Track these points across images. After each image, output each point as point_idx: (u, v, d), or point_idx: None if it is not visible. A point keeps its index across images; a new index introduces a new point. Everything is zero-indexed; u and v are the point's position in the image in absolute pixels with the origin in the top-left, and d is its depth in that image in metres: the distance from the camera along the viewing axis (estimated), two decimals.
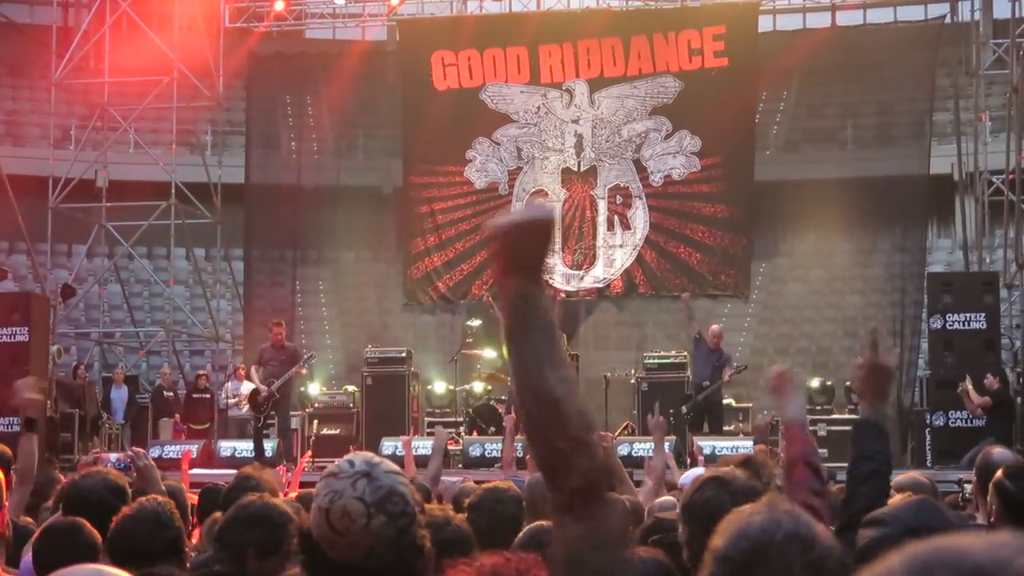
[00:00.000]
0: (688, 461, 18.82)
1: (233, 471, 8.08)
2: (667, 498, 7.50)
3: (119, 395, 23.31)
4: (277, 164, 26.50)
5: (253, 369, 19.45)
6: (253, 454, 19.10)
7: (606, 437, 8.37)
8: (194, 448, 19.04)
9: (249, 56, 26.21)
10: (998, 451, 7.26)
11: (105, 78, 25.53)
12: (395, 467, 3.37)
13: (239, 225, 25.79)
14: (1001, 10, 24.48)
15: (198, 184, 25.10)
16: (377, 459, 3.33)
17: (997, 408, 19.30)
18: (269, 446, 19.56)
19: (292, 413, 21.55)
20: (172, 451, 19.69)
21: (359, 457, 3.33)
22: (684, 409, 20.04)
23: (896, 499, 5.77)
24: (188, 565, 4.98)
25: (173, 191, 24.52)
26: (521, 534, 6.04)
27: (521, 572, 2.95)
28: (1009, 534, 0.89)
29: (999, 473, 5.59)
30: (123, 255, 26.35)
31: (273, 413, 19.28)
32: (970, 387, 19.12)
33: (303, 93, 26.63)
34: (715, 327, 20.59)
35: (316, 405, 22.61)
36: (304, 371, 20.02)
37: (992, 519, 5.66)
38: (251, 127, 26.62)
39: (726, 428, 20.96)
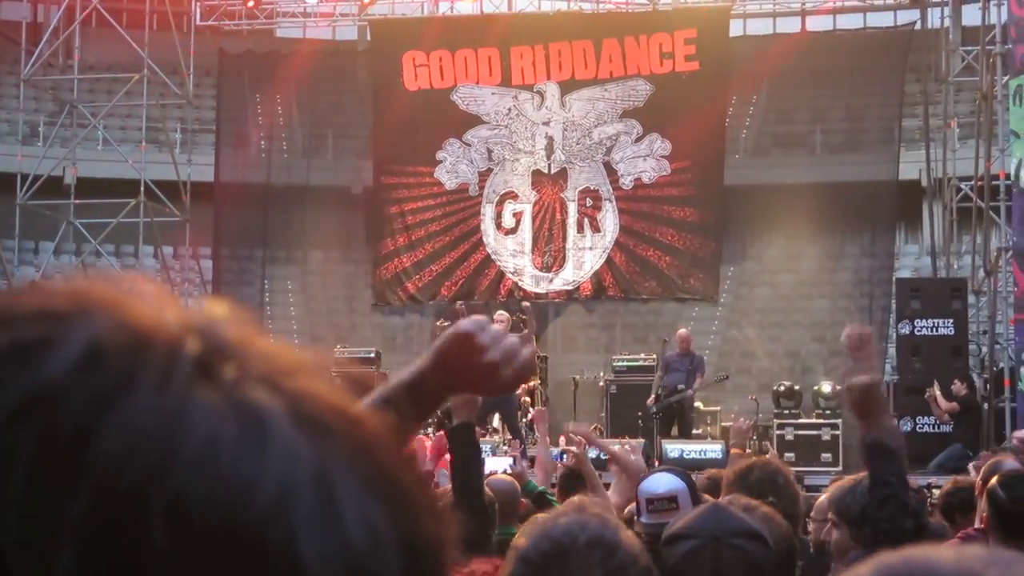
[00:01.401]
0: (656, 463, 18.87)
1: None
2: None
3: None
4: (247, 163, 26.41)
5: None
6: None
7: (580, 444, 8.35)
8: None
9: (219, 54, 26.14)
10: (1009, 462, 7.30)
11: (75, 75, 25.43)
12: None
13: (208, 223, 25.69)
14: (970, 17, 24.60)
15: (167, 182, 25.01)
16: None
17: (964, 414, 19.40)
18: None
19: None
20: None
21: None
22: (652, 409, 20.06)
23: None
24: None
25: (142, 189, 24.43)
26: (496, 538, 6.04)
27: None
28: (979, 547, 0.89)
29: (993, 480, 5.64)
30: (91, 252, 26.23)
31: None
32: (938, 393, 19.21)
33: (273, 92, 26.55)
34: (681, 331, 20.66)
35: None
36: None
37: (983, 525, 5.71)
38: (221, 125, 26.54)
39: (695, 432, 21.00)
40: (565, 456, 8.84)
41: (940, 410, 19.25)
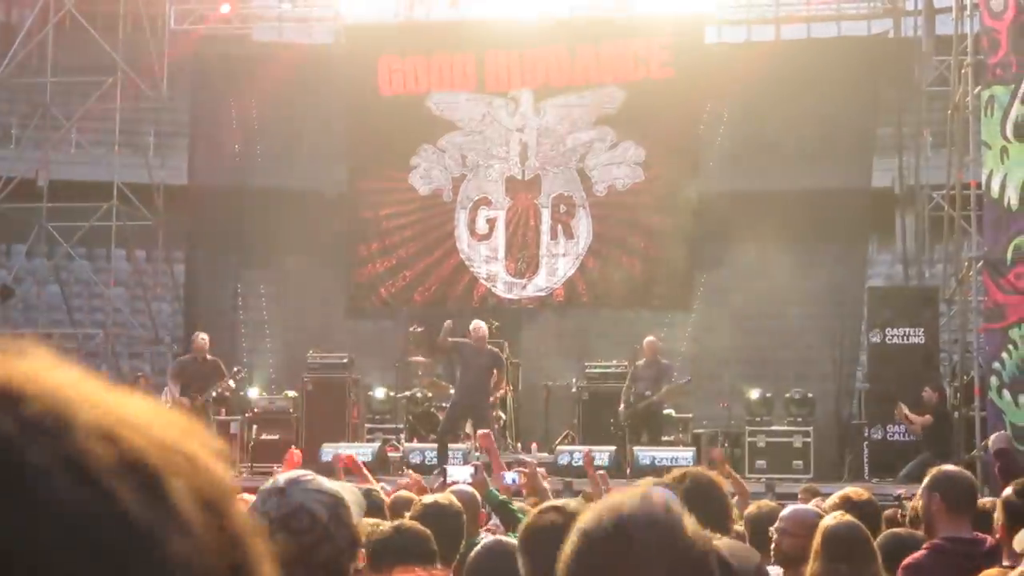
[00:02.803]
0: (628, 470, 18.91)
1: None
2: None
3: None
4: (221, 166, 26.35)
5: (171, 382, 19.25)
6: None
7: (532, 465, 8.39)
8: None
9: (194, 57, 26.10)
10: (952, 468, 7.38)
11: (48, 77, 25.35)
12: (329, 485, 3.36)
13: (181, 227, 25.64)
14: (944, 27, 24.67)
15: (140, 185, 24.96)
16: (308, 476, 3.31)
17: (935, 423, 19.50)
18: None
19: (231, 418, 21.48)
20: None
21: (291, 474, 3.33)
22: (620, 417, 20.16)
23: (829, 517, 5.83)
24: None
25: (115, 192, 24.38)
26: (463, 550, 6.06)
27: None
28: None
29: (1008, 489, 5.73)
30: (63, 255, 26.16)
31: None
32: (906, 410, 19.29)
33: (248, 95, 26.47)
34: (648, 340, 20.77)
35: (255, 410, 22.53)
36: (231, 384, 19.95)
37: (999, 535, 5.77)
38: (195, 129, 26.47)
39: (666, 438, 21.07)
40: (517, 478, 8.85)
41: (915, 425, 19.34)
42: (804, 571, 5.45)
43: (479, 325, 19.55)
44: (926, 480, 6.69)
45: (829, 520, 5.47)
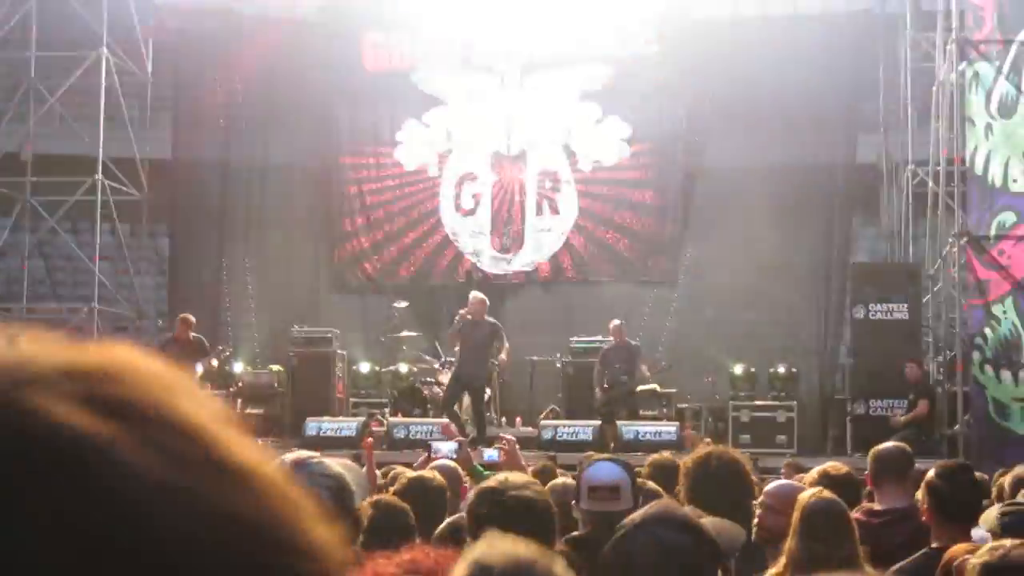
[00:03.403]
0: (612, 446, 18.94)
1: None
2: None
3: None
4: (204, 141, 26.28)
5: None
6: None
7: (511, 441, 8.44)
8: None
9: (178, 32, 26.00)
10: (887, 445, 7.63)
11: (32, 52, 25.26)
12: (334, 468, 3.36)
13: (165, 201, 25.59)
14: (928, 3, 24.66)
15: (125, 160, 24.90)
16: (315, 458, 3.32)
17: (918, 398, 19.58)
18: None
19: (216, 392, 21.50)
20: None
21: (299, 455, 3.34)
22: (596, 402, 20.22)
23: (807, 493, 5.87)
24: None
25: (99, 167, 24.34)
26: (442, 525, 6.09)
27: (439, 566, 2.97)
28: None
29: (931, 473, 5.81)
30: (47, 230, 26.10)
31: None
32: (901, 416, 19.35)
33: (232, 70, 26.40)
34: (614, 324, 20.83)
35: (240, 384, 22.55)
36: (213, 363, 19.96)
37: (924, 518, 5.84)
38: (179, 103, 26.40)
39: (651, 413, 21.12)
40: (496, 455, 8.90)
41: (911, 418, 19.38)
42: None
43: (474, 296, 19.65)
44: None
45: (806, 496, 5.49)
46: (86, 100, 26.93)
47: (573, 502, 5.43)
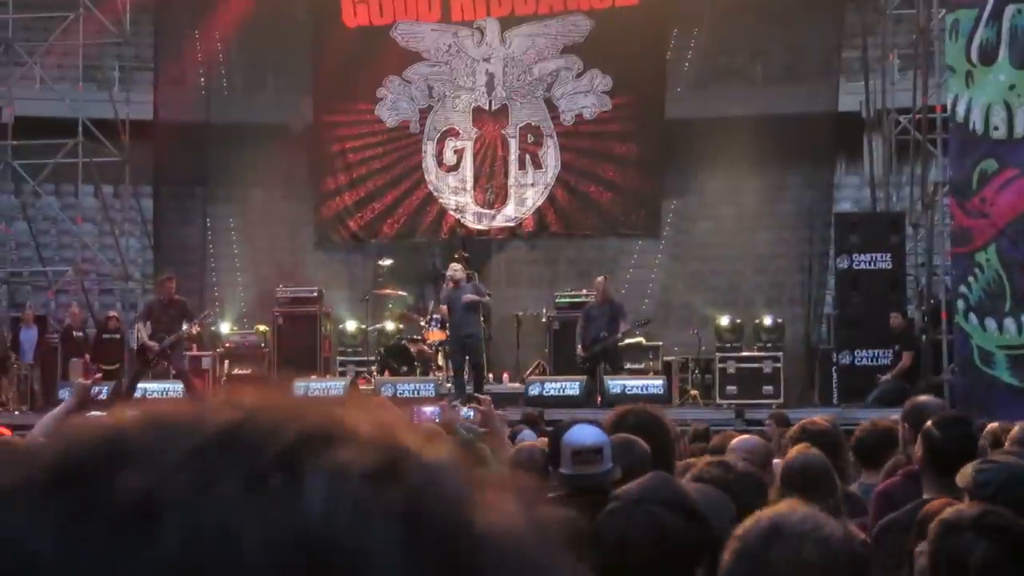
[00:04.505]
0: (599, 400, 18.99)
1: None
2: None
3: (28, 335, 22.89)
4: (186, 101, 26.20)
5: (139, 324, 19.15)
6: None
7: (487, 401, 8.46)
8: (104, 389, 18.70)
9: None
10: (925, 398, 7.49)
11: (9, 14, 25.12)
12: None
13: (147, 163, 25.50)
14: None
15: (105, 121, 24.80)
16: None
17: (902, 348, 19.65)
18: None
19: (203, 353, 21.54)
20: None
21: None
22: (578, 359, 20.19)
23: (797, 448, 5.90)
24: None
25: (80, 128, 24.26)
26: None
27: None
28: None
29: (928, 423, 5.80)
30: (30, 193, 26.03)
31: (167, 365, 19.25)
32: (888, 375, 19.41)
33: (211, 29, 26.28)
34: (598, 280, 20.77)
35: (227, 344, 22.57)
36: (197, 329, 19.90)
37: (919, 466, 5.85)
38: (159, 63, 26.26)
39: (637, 366, 21.16)
40: (472, 415, 8.92)
41: (897, 371, 19.44)
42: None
43: (451, 272, 19.69)
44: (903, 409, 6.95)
45: (790, 454, 5.52)
46: (65, 61, 26.85)
47: (550, 468, 5.43)
